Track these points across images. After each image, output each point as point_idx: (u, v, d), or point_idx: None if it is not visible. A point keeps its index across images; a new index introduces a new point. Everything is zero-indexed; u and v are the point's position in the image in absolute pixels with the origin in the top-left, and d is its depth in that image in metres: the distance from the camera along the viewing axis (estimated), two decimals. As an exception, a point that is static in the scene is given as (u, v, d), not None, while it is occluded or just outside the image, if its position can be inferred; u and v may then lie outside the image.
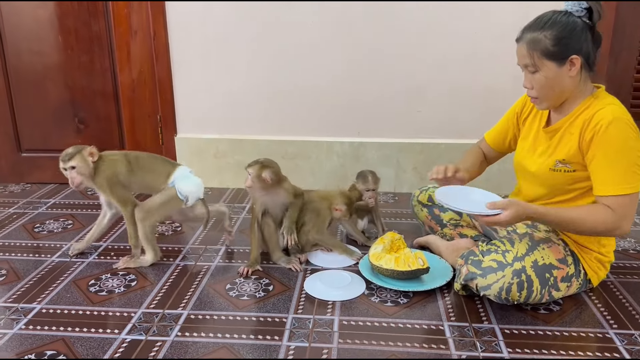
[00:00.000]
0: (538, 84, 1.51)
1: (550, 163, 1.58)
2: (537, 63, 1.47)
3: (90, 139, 2.68)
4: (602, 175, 1.47)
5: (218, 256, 1.93)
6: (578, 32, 1.45)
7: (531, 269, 1.51)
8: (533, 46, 1.47)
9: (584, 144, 1.49)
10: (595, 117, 1.46)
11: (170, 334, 1.46)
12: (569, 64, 1.46)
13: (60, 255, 1.94)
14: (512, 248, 1.55)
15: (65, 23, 2.52)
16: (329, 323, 1.51)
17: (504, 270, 1.50)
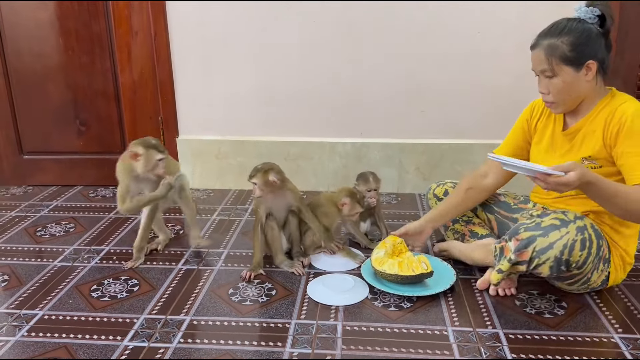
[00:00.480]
0: (555, 88, 1.55)
1: (576, 161, 1.56)
2: (555, 68, 1.52)
3: (92, 141, 2.68)
4: (635, 163, 1.48)
5: (220, 260, 1.93)
6: (593, 38, 1.51)
7: (591, 229, 1.50)
8: (551, 52, 1.51)
9: (610, 138, 1.52)
10: (618, 111, 1.51)
11: (173, 341, 1.45)
12: (586, 69, 1.51)
13: (62, 260, 1.94)
14: (568, 210, 1.55)
15: (65, 24, 2.51)
16: (333, 329, 1.50)
17: (567, 227, 1.47)
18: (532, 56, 1.57)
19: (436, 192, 2.02)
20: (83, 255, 1.98)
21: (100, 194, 2.64)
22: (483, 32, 2.39)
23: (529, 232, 1.51)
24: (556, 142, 1.67)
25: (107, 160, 2.69)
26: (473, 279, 1.76)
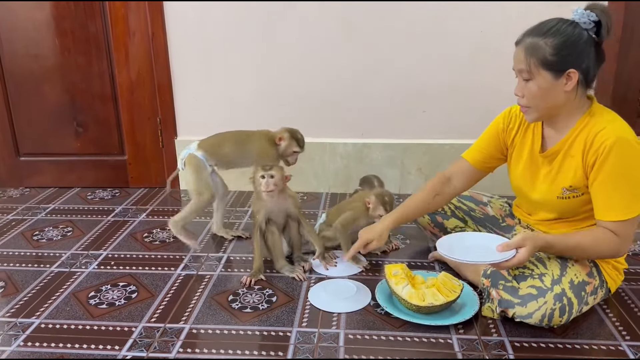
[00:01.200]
0: (530, 93, 1.43)
1: (557, 191, 1.51)
2: (533, 71, 1.39)
3: (90, 143, 2.65)
4: (606, 200, 1.41)
5: (220, 265, 1.90)
6: (581, 45, 1.36)
7: (570, 291, 1.43)
8: (531, 52, 1.38)
9: (588, 167, 1.43)
10: (597, 139, 1.38)
11: (172, 350, 1.42)
12: (566, 78, 1.38)
13: (59, 265, 1.91)
14: (547, 270, 1.46)
15: (61, 25, 2.47)
16: (335, 337, 1.47)
17: (545, 296, 1.41)
18: (514, 53, 1.45)
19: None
20: (81, 260, 1.95)
21: (99, 196, 2.61)
22: (485, 32, 2.36)
23: (507, 294, 1.47)
24: (536, 163, 1.57)
25: (105, 162, 2.68)
26: (477, 284, 1.73)
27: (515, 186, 1.67)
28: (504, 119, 1.66)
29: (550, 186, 1.52)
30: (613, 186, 1.39)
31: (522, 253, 1.38)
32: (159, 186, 2.70)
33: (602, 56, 1.42)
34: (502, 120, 1.67)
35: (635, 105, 2.47)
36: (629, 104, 2.46)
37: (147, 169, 2.67)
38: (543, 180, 1.55)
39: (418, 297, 1.54)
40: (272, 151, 1.99)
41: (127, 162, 2.66)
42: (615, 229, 1.40)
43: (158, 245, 2.05)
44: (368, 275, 1.81)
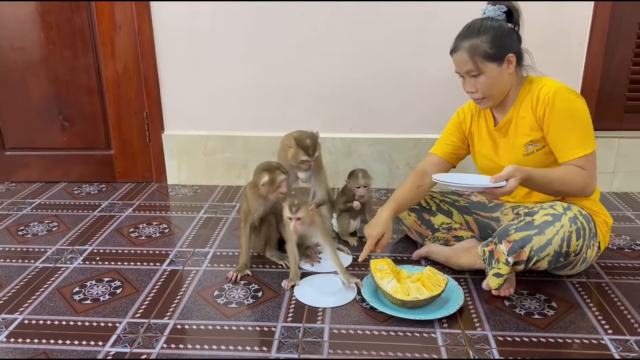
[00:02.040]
0: (483, 85, 1.61)
1: (520, 150, 1.66)
2: (480, 66, 1.58)
3: (76, 137, 2.63)
4: (564, 142, 1.57)
5: (206, 260, 1.89)
6: (508, 33, 1.59)
7: (581, 217, 1.53)
8: (474, 52, 1.58)
9: (539, 120, 1.60)
10: (541, 93, 1.59)
11: (156, 346, 1.42)
12: (507, 62, 1.59)
13: (44, 261, 1.90)
14: (554, 203, 1.56)
15: (46, 18, 2.44)
16: (319, 332, 1.47)
17: (560, 220, 1.49)
18: (454, 59, 1.63)
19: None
20: (66, 255, 1.93)
21: (85, 190, 2.59)
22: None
23: (521, 232, 1.51)
24: (493, 138, 1.74)
25: (92, 157, 2.66)
26: (462, 278, 1.74)
27: (482, 165, 1.81)
28: (458, 114, 1.87)
29: (513, 149, 1.68)
30: (566, 127, 1.57)
31: (512, 182, 1.45)
32: (146, 181, 2.69)
33: (520, 37, 1.65)
34: (457, 116, 1.87)
35: (622, 100, 2.47)
36: (615, 99, 2.47)
37: (134, 164, 2.65)
38: (504, 149, 1.72)
39: (403, 292, 1.54)
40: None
41: (113, 157, 2.64)
42: (580, 164, 1.55)
43: (144, 241, 2.04)
44: (354, 270, 1.81)
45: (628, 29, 2.37)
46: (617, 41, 2.39)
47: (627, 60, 2.41)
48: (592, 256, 1.66)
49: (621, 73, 2.44)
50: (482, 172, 1.80)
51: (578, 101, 1.58)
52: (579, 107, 1.57)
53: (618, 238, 2.03)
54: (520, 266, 1.52)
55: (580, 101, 1.58)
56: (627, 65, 2.42)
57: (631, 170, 2.48)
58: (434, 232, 1.91)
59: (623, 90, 2.46)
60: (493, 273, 1.56)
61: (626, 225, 2.15)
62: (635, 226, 2.15)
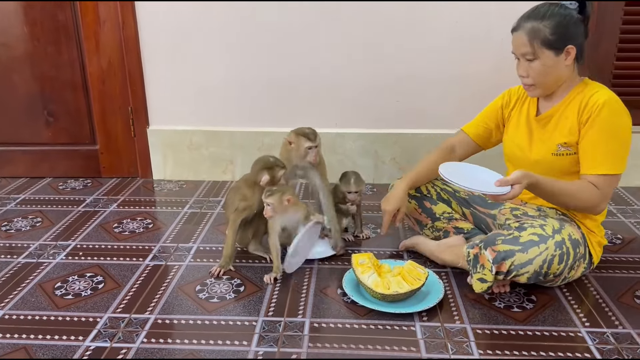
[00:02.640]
0: (535, 71, 1.57)
1: (552, 148, 1.63)
2: (537, 51, 1.54)
3: (61, 132, 2.62)
4: (593, 154, 1.54)
5: (189, 255, 1.89)
6: (574, 23, 1.54)
7: (568, 242, 1.52)
8: (534, 35, 1.53)
9: (581, 125, 1.57)
10: (591, 99, 1.55)
11: (136, 341, 1.42)
12: (565, 54, 1.54)
13: (26, 256, 1.89)
14: (546, 222, 1.54)
15: (30, 13, 2.43)
16: (300, 326, 1.48)
17: (546, 242, 1.48)
18: (513, 39, 1.59)
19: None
20: (49, 251, 1.93)
21: (70, 186, 2.59)
22: (460, 23, 2.36)
23: (506, 245, 1.49)
24: (530, 127, 1.71)
25: (77, 152, 2.65)
26: (443, 272, 1.75)
27: (511, 153, 1.77)
28: (502, 97, 1.83)
29: (546, 143, 1.64)
30: (602, 141, 1.53)
31: (516, 188, 1.46)
32: (131, 176, 2.68)
33: (588, 32, 1.59)
34: (500, 99, 1.83)
35: (606, 95, 2.49)
36: (599, 94, 2.48)
37: (119, 159, 2.64)
38: (538, 141, 1.68)
39: (383, 286, 1.55)
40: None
41: (99, 152, 2.63)
42: (597, 182, 1.53)
43: (127, 236, 2.04)
44: (337, 265, 1.82)
45: (612, 24, 2.38)
46: (600, 36, 2.40)
47: (610, 55, 2.42)
48: (576, 275, 1.64)
49: (605, 68, 2.45)
50: (508, 162, 1.80)
51: (624, 119, 1.54)
52: (622, 125, 1.54)
53: (600, 232, 2.05)
54: (500, 276, 1.50)
55: (627, 119, 1.54)
56: (610, 60, 2.43)
57: (614, 165, 2.50)
58: (434, 220, 1.88)
59: (607, 84, 2.41)
60: (478, 277, 1.55)
61: (608, 219, 2.17)
62: (617, 220, 2.17)
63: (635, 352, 1.37)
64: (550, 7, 1.55)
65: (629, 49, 2.41)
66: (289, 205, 1.72)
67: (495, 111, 1.82)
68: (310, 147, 1.86)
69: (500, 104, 1.81)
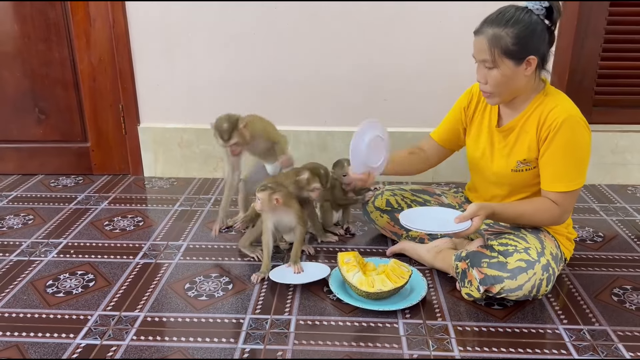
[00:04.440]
0: (493, 80, 1.52)
1: (512, 164, 1.62)
2: (497, 60, 1.48)
3: (52, 129, 2.64)
4: (552, 171, 1.54)
5: (179, 253, 1.93)
6: (538, 32, 1.47)
7: (552, 261, 1.53)
8: (494, 42, 1.47)
9: (540, 142, 1.55)
10: (550, 116, 1.51)
11: (126, 338, 1.46)
12: (526, 64, 1.49)
13: (18, 254, 1.92)
14: (529, 244, 1.53)
15: (20, 11, 2.44)
16: (286, 323, 1.52)
17: (534, 268, 1.47)
18: (474, 42, 1.53)
19: (377, 204, 1.97)
20: (40, 249, 1.96)
21: (62, 183, 2.61)
22: (444, 21, 2.39)
23: (493, 270, 1.50)
24: (492, 138, 1.68)
25: (69, 149, 2.67)
26: (427, 270, 1.79)
27: (473, 161, 1.76)
28: (466, 96, 1.78)
29: (507, 159, 1.63)
30: (560, 159, 1.51)
31: (477, 221, 1.50)
32: (123, 173, 2.71)
33: (553, 39, 1.54)
34: (465, 98, 1.78)
35: (591, 94, 2.53)
36: (584, 93, 2.52)
37: (110, 156, 2.67)
38: (499, 154, 1.66)
39: (368, 284, 1.59)
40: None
41: (90, 149, 2.65)
42: (557, 199, 1.53)
43: (118, 234, 2.07)
44: (324, 263, 1.85)
45: (596, 23, 2.41)
46: (585, 35, 2.43)
47: (595, 54, 2.46)
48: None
49: (590, 67, 2.49)
50: (472, 170, 1.80)
51: (584, 135, 1.51)
52: (582, 142, 1.51)
53: (582, 230, 2.10)
54: (490, 294, 1.53)
55: (587, 135, 1.52)
56: (595, 60, 2.47)
57: (599, 163, 2.55)
58: (408, 230, 1.90)
59: (592, 84, 2.51)
60: (465, 292, 1.59)
61: (590, 217, 2.22)
62: (600, 218, 2.21)
63: (610, 348, 1.42)
64: (516, 13, 1.47)
65: (613, 48, 2.44)
66: (278, 205, 1.75)
67: (459, 112, 1.78)
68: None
69: (462, 105, 1.77)
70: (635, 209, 2.28)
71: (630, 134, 2.51)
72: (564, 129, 1.49)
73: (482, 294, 1.53)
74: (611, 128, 2.53)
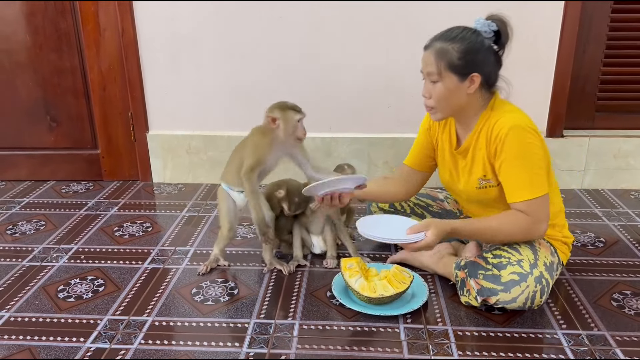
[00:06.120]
0: (437, 94, 1.55)
1: (474, 182, 1.64)
2: (442, 73, 1.52)
3: (63, 137, 2.70)
4: (510, 183, 1.53)
5: (186, 258, 1.97)
6: (483, 52, 1.51)
7: (546, 272, 1.54)
8: (440, 56, 1.51)
9: (492, 158, 1.57)
10: (495, 128, 1.53)
11: (134, 342, 1.50)
12: (469, 81, 1.52)
13: (31, 260, 1.97)
14: (522, 256, 1.54)
15: (32, 21, 2.50)
16: (290, 328, 1.56)
17: (527, 280, 1.49)
18: (423, 56, 1.57)
19: (381, 204, 2.02)
20: (52, 254, 2.01)
21: (73, 189, 2.67)
22: (448, 28, 2.41)
23: (488, 282, 1.54)
24: (454, 158, 1.70)
25: (79, 156, 2.73)
26: (429, 275, 1.82)
27: (444, 182, 1.79)
28: (427, 117, 1.80)
29: (469, 178, 1.65)
30: (515, 168, 1.51)
31: (429, 236, 1.50)
32: (132, 179, 2.76)
33: (501, 61, 1.57)
34: (426, 120, 1.81)
35: (593, 100, 2.55)
36: (586, 98, 2.55)
37: (120, 163, 2.72)
38: (462, 173, 1.68)
39: (370, 289, 1.62)
40: (265, 140, 1.76)
41: (100, 156, 2.71)
42: (524, 209, 1.52)
43: (127, 239, 2.12)
44: (328, 269, 1.89)
45: (598, 29, 2.44)
46: (587, 41, 2.46)
47: (597, 60, 2.49)
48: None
49: (592, 73, 2.51)
50: (446, 189, 1.83)
51: (533, 140, 1.51)
52: (532, 148, 1.51)
53: (583, 235, 2.12)
54: (488, 304, 1.57)
55: (535, 140, 1.51)
56: (597, 66, 2.49)
57: (601, 168, 2.56)
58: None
59: (594, 89, 2.53)
60: (464, 300, 1.63)
61: (592, 222, 2.24)
62: (602, 223, 2.23)
63: (608, 353, 1.44)
64: (463, 32, 1.52)
65: (615, 54, 2.47)
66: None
67: (425, 134, 1.79)
68: (300, 119, 1.75)
69: (425, 127, 1.79)
70: (638, 214, 2.30)
71: (633, 139, 2.52)
72: (510, 139, 1.49)
73: (480, 303, 1.57)
74: (614, 133, 2.54)
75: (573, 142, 2.53)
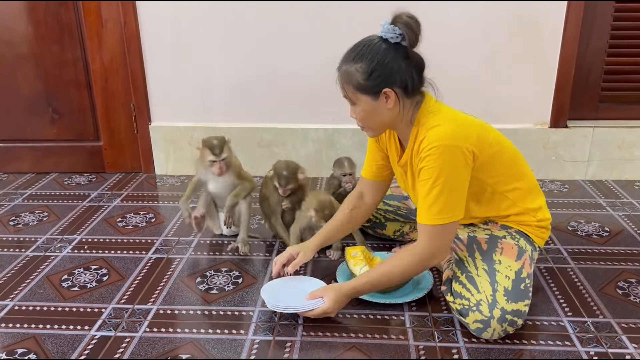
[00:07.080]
0: (359, 115, 1.46)
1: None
2: (352, 97, 1.43)
3: (65, 129, 2.69)
4: (421, 203, 1.42)
5: (190, 248, 1.97)
6: (388, 63, 1.37)
7: (508, 303, 1.40)
8: (347, 80, 1.41)
9: (417, 174, 1.46)
10: (424, 142, 1.40)
11: (139, 330, 1.50)
12: (384, 97, 1.39)
13: (34, 250, 1.97)
14: (480, 293, 1.43)
15: (34, 13, 2.50)
16: (294, 315, 1.55)
17: (491, 325, 1.40)
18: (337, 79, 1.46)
19: None
20: (55, 245, 2.01)
21: (75, 181, 2.66)
22: (444, 23, 2.41)
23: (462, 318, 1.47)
24: (400, 170, 1.61)
25: (82, 148, 2.73)
26: (434, 265, 1.82)
27: (401, 187, 1.73)
28: None
29: (414, 191, 1.54)
30: (426, 190, 1.40)
31: (327, 302, 1.46)
32: (135, 171, 2.76)
33: (420, 62, 1.44)
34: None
35: (597, 90, 2.54)
36: (590, 89, 2.54)
37: (123, 155, 2.72)
38: (410, 186, 1.58)
39: None
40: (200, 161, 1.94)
41: (102, 148, 2.71)
42: (428, 233, 1.42)
43: (130, 230, 2.12)
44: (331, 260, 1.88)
45: (602, 19, 2.43)
46: (591, 32, 2.45)
47: (601, 50, 2.48)
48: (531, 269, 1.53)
49: (596, 63, 2.50)
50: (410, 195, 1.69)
51: (454, 158, 1.37)
52: (451, 167, 1.37)
53: (588, 224, 2.11)
54: None
55: (457, 157, 1.36)
56: (601, 56, 2.49)
57: (605, 159, 2.56)
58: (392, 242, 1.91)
59: (598, 80, 2.53)
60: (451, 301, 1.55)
61: (597, 212, 2.23)
62: (606, 213, 2.23)
63: (614, 340, 1.44)
64: (366, 46, 1.39)
65: (619, 45, 2.46)
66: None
67: (374, 145, 1.68)
68: (213, 162, 1.85)
69: (373, 140, 1.68)
70: (642, 204, 2.30)
71: (637, 130, 2.51)
72: (429, 160, 1.37)
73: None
74: (618, 124, 2.54)
75: (577, 132, 2.53)
